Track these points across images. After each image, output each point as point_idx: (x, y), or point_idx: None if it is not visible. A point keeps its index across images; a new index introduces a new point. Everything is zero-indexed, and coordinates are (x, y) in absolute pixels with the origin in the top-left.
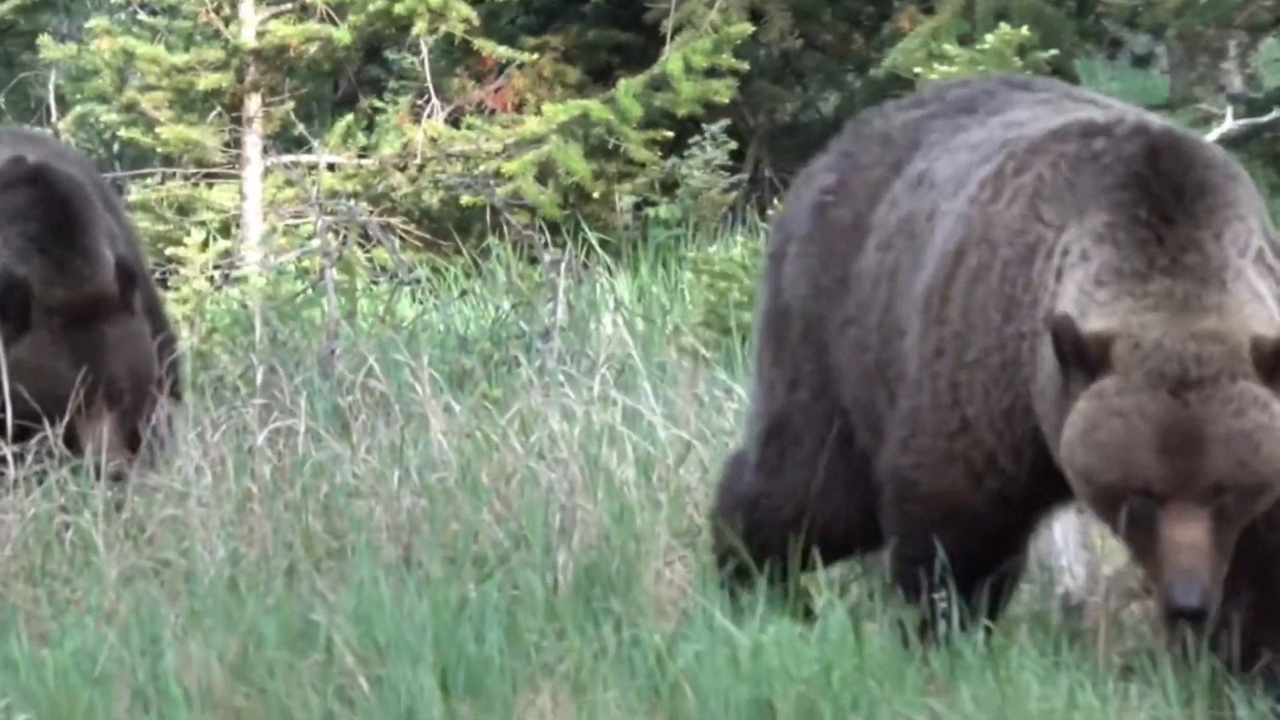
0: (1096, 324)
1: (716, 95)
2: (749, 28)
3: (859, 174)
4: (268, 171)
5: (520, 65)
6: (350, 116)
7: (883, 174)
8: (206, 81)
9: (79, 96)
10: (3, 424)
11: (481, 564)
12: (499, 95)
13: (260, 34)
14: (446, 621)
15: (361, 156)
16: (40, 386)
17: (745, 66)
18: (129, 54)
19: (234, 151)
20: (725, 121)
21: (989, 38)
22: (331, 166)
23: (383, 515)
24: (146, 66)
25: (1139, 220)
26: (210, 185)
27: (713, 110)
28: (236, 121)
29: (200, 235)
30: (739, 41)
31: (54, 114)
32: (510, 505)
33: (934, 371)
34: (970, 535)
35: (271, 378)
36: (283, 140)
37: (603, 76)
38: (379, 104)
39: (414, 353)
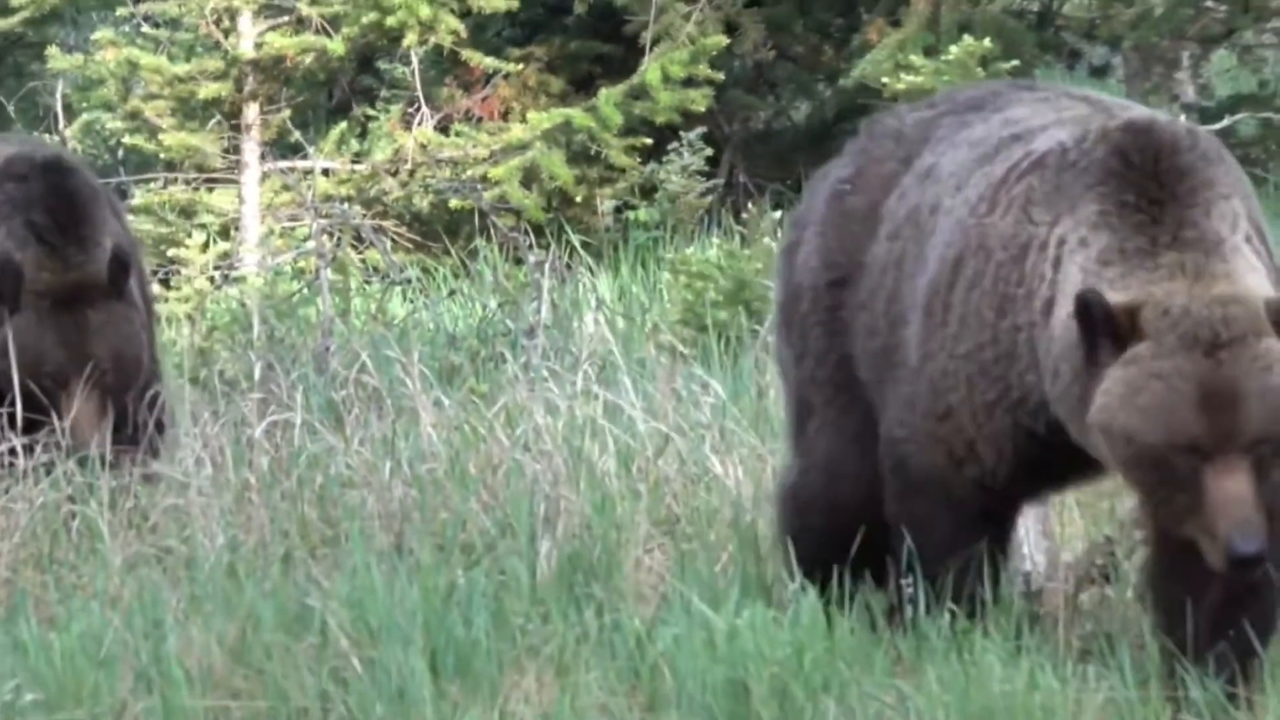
0: (1119, 296)
1: (693, 104)
2: (724, 40)
3: (874, 166)
4: (265, 176)
5: (506, 75)
6: (344, 124)
7: (895, 167)
8: (207, 90)
9: (85, 105)
10: (12, 417)
11: (469, 551)
12: (486, 104)
13: (258, 45)
14: (436, 606)
15: (355, 162)
16: (22, 366)
17: (720, 76)
18: (133, 64)
19: (233, 157)
20: (701, 129)
21: (953, 49)
22: (326, 172)
23: (375, 505)
24: (150, 76)
25: (1129, 205)
26: (210, 190)
27: (690, 118)
28: (235, 129)
29: (201, 237)
30: (715, 53)
31: (61, 121)
32: (497, 495)
33: (929, 362)
34: (948, 513)
35: (269, 373)
36: (279, 147)
37: (585, 86)
38: (371, 112)
39: (405, 349)
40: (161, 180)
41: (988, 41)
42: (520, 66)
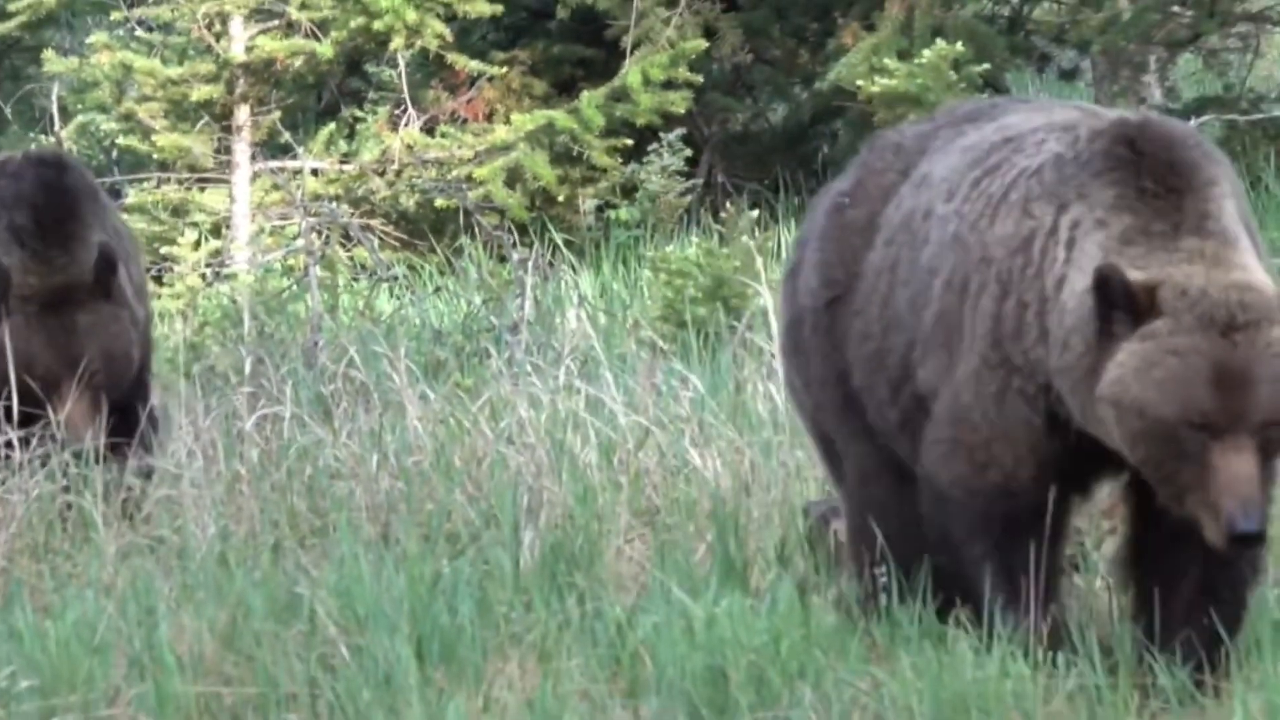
0: (1138, 274)
1: (673, 106)
2: (703, 43)
3: (874, 178)
4: (256, 176)
5: (490, 78)
6: (332, 125)
7: (894, 178)
8: (199, 93)
9: (80, 107)
10: (9, 410)
11: (454, 541)
12: (471, 106)
13: (249, 49)
14: (421, 595)
15: (343, 162)
16: (15, 367)
17: (700, 79)
18: (127, 67)
19: (224, 158)
20: (681, 130)
21: (926, 53)
22: (315, 172)
23: (362, 496)
24: (143, 79)
25: (1147, 190)
26: (202, 189)
27: (669, 120)
28: (227, 130)
29: (193, 236)
30: (694, 56)
31: (57, 123)
32: (481, 486)
33: (949, 382)
34: (992, 524)
35: (259, 368)
36: (270, 147)
37: (567, 88)
38: (359, 114)
39: (392, 344)
40: (155, 180)
41: (960, 45)
42: (504, 69)
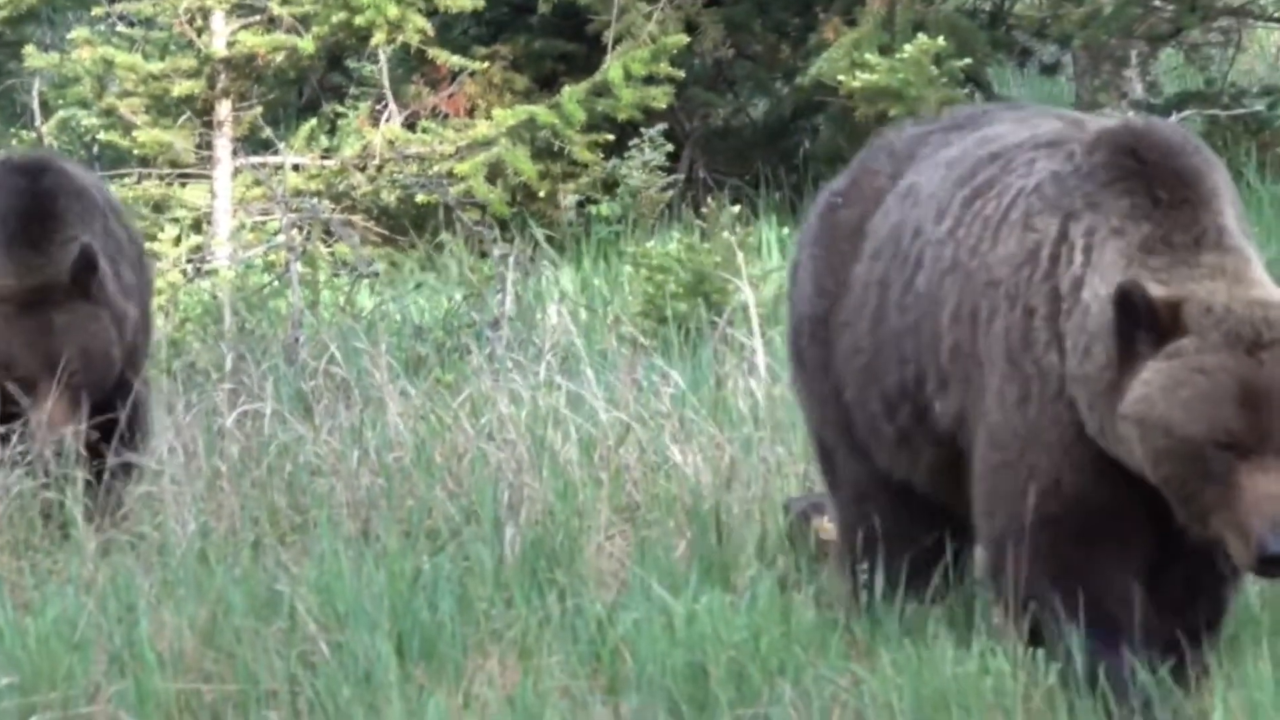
0: (1160, 290)
1: (654, 101)
2: (684, 38)
3: (867, 178)
4: (237, 172)
5: (472, 73)
6: (314, 120)
7: (884, 182)
8: (180, 88)
9: (61, 102)
10: None
11: (435, 537)
12: (452, 101)
13: (230, 44)
14: (402, 591)
15: (324, 158)
16: None
17: (681, 74)
18: (108, 62)
19: (205, 153)
20: (662, 125)
21: (907, 48)
22: (296, 167)
23: (343, 492)
24: (125, 74)
25: (1161, 201)
26: (183, 184)
27: (651, 115)
28: (208, 125)
29: (174, 231)
30: (675, 51)
31: (38, 118)
32: (461, 483)
33: (982, 413)
34: (1060, 556)
35: (240, 364)
36: (251, 143)
37: (548, 83)
38: (340, 109)
39: (372, 340)
40: (136, 175)
41: (941, 40)
42: (486, 64)
